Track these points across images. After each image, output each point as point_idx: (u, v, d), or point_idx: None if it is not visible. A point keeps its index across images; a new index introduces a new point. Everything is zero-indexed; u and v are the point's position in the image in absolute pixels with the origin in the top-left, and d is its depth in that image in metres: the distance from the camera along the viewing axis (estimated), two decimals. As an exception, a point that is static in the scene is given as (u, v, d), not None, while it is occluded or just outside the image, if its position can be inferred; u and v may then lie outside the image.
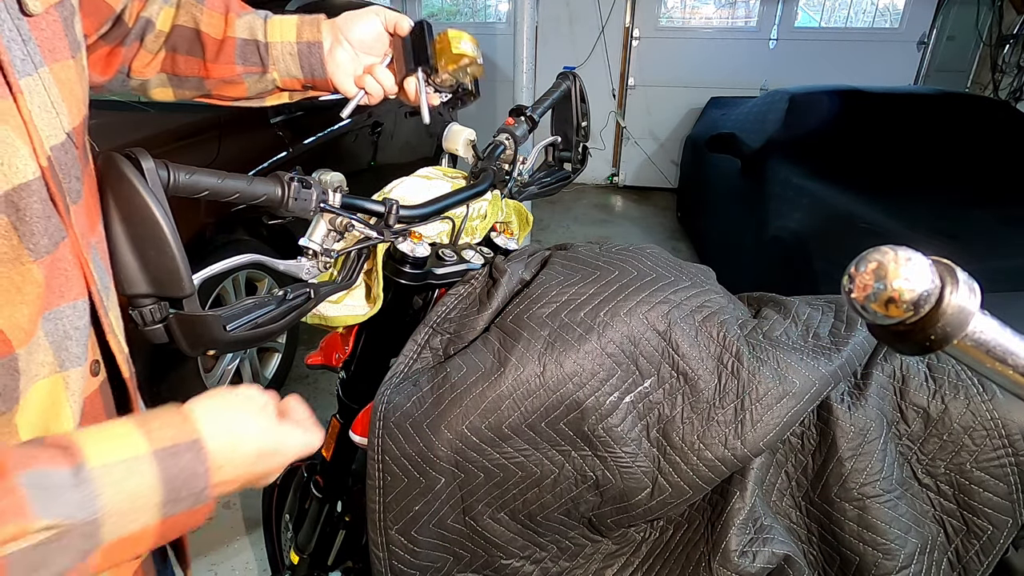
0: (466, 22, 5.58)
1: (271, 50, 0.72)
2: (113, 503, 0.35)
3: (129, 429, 0.38)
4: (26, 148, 0.39)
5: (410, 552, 0.71)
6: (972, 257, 1.67)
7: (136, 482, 0.36)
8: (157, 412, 0.40)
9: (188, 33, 0.70)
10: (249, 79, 0.73)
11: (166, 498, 0.37)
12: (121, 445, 0.36)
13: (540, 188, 1.02)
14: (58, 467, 0.33)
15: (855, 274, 0.31)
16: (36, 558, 0.32)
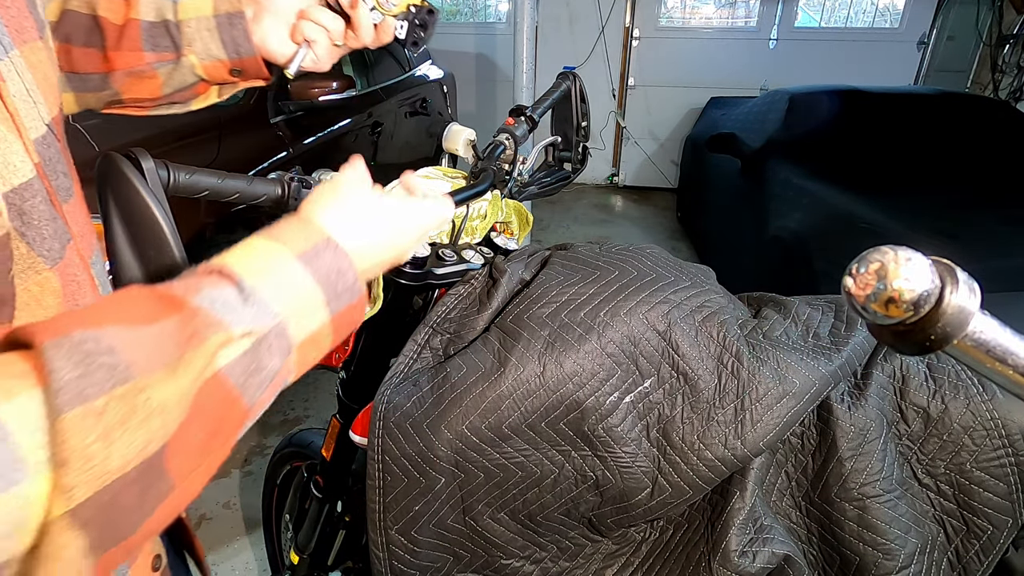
0: (466, 22, 5.57)
1: (183, 29, 0.60)
2: (287, 308, 0.36)
3: (265, 244, 0.38)
4: (18, 143, 0.36)
5: (410, 552, 0.71)
6: (972, 257, 1.67)
7: (297, 287, 0.37)
8: (279, 225, 0.40)
9: (83, 20, 0.59)
10: (162, 69, 0.61)
11: (327, 295, 0.38)
12: (267, 258, 0.37)
13: (540, 188, 1.02)
14: (223, 288, 0.34)
15: (855, 274, 0.31)
16: (249, 364, 0.33)
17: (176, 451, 0.28)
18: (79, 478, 0.24)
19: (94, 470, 0.24)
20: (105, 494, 0.25)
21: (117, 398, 0.25)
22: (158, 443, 0.27)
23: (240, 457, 2.13)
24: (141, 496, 0.27)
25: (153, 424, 0.27)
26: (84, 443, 0.24)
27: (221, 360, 0.31)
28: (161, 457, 0.28)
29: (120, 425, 0.25)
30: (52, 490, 0.24)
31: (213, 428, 0.31)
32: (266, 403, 0.36)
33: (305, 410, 2.36)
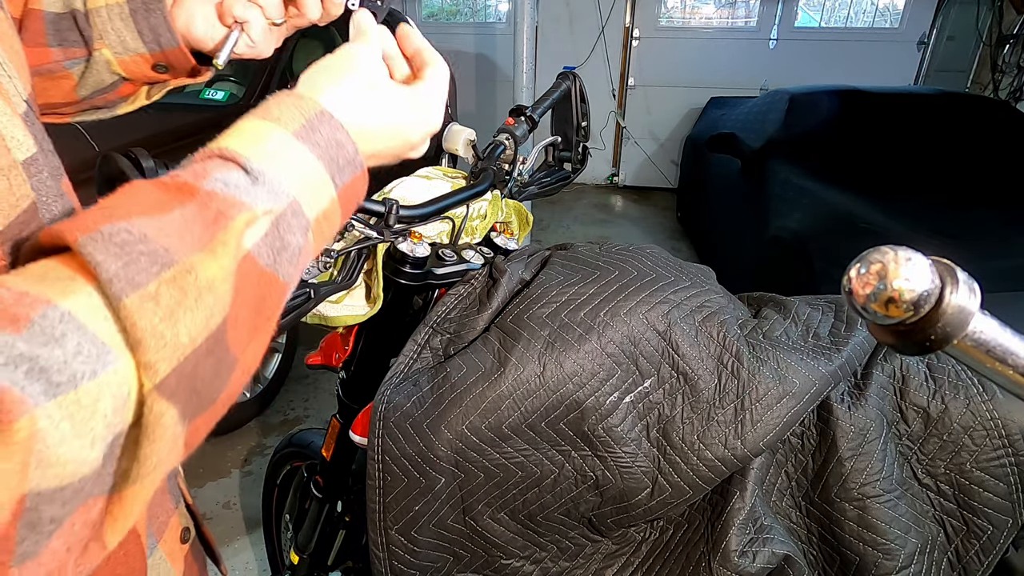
0: (466, 22, 5.57)
1: (93, 19, 0.52)
2: (297, 186, 0.35)
3: (260, 124, 0.36)
4: (16, 118, 0.35)
5: (410, 552, 0.71)
6: (972, 257, 1.67)
7: (301, 165, 0.36)
8: (270, 103, 0.38)
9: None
10: (74, 68, 0.53)
11: (329, 169, 0.37)
12: (266, 139, 0.35)
13: (540, 188, 1.02)
14: (230, 170, 0.33)
15: (855, 274, 0.31)
16: (274, 242, 0.33)
17: (233, 326, 0.30)
18: (157, 355, 0.25)
19: (168, 347, 0.26)
20: (185, 367, 0.27)
21: (167, 281, 0.26)
22: (218, 319, 0.29)
23: (240, 457, 2.13)
24: (216, 368, 0.29)
25: (207, 302, 0.28)
26: (152, 324, 0.25)
27: (247, 241, 0.31)
28: (223, 332, 0.29)
29: (178, 305, 0.27)
30: (138, 368, 0.25)
31: (258, 305, 0.32)
32: (296, 279, 0.36)
33: (305, 410, 2.36)
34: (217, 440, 2.18)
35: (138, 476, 0.26)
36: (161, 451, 0.27)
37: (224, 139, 0.35)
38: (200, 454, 2.12)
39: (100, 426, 0.24)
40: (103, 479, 0.25)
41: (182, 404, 0.27)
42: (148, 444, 0.26)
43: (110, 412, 0.24)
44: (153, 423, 0.26)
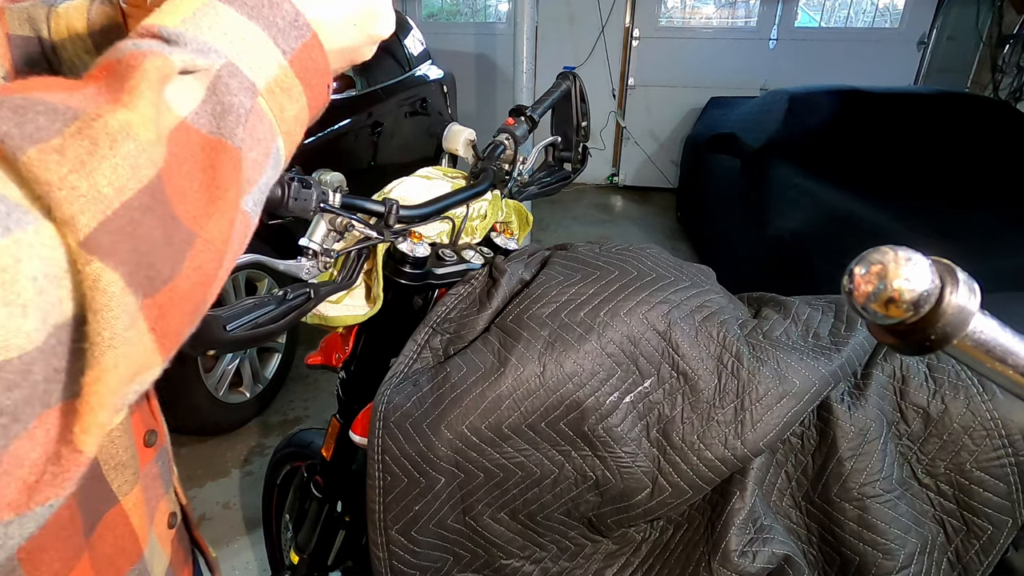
0: (466, 22, 5.57)
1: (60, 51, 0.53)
2: (226, 46, 0.31)
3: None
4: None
5: (410, 552, 0.71)
6: (972, 257, 1.68)
7: (225, 23, 0.32)
8: None
9: None
10: None
11: (268, 31, 0.33)
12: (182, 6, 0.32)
13: (540, 188, 1.02)
14: (142, 40, 0.29)
15: (855, 274, 0.31)
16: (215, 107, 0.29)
17: (176, 191, 0.27)
18: (73, 208, 0.23)
19: (86, 198, 0.23)
20: (116, 222, 0.24)
21: (72, 135, 0.24)
22: (147, 171, 0.26)
23: (240, 457, 2.13)
24: (165, 233, 0.26)
25: (126, 148, 0.25)
26: (60, 175, 0.23)
27: (180, 108, 0.28)
28: (161, 190, 0.26)
29: (90, 154, 0.24)
30: (56, 225, 0.23)
31: (208, 174, 0.29)
32: (255, 145, 0.32)
33: (305, 410, 2.36)
34: (217, 440, 2.18)
35: (93, 360, 0.24)
36: (113, 325, 0.24)
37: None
38: (200, 454, 2.12)
39: (29, 291, 0.22)
40: (53, 365, 0.23)
41: (126, 268, 0.25)
42: (92, 316, 0.24)
43: (40, 276, 0.22)
44: (91, 288, 0.23)
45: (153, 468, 0.51)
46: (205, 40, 0.30)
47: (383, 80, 3.34)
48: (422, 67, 3.89)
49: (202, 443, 2.16)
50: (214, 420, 2.13)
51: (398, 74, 3.53)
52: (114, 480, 0.43)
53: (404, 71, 3.61)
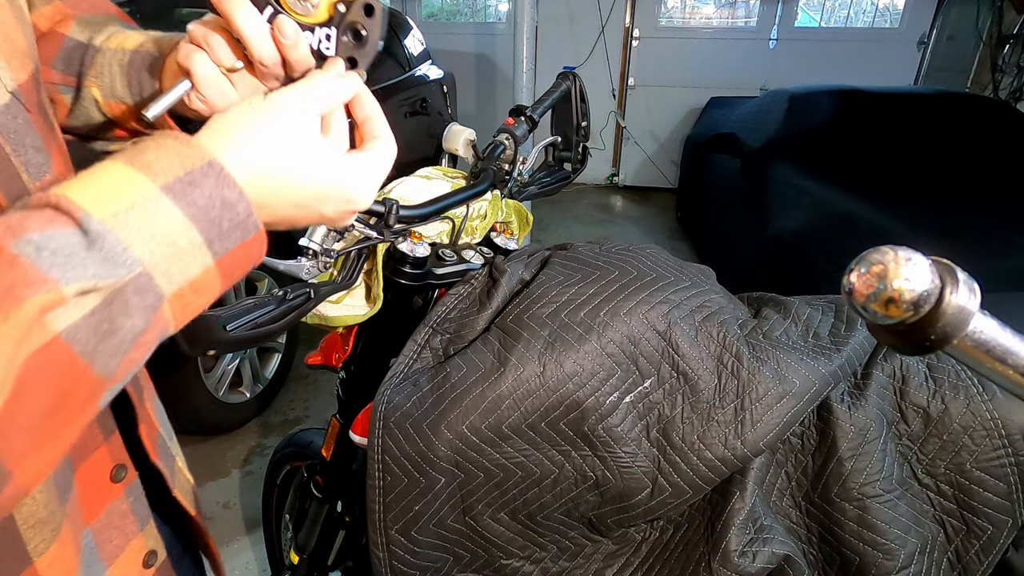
0: (466, 22, 5.57)
1: (99, 58, 0.50)
2: (150, 252, 0.29)
3: (120, 170, 0.30)
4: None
5: (410, 552, 0.71)
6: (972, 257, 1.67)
7: (162, 225, 0.29)
8: (150, 144, 0.32)
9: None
10: (67, 94, 0.51)
11: (206, 235, 0.31)
12: (123, 189, 0.29)
13: (540, 188, 1.02)
14: (57, 229, 0.27)
15: (855, 274, 0.31)
16: (99, 325, 0.27)
17: (10, 425, 0.24)
18: None
19: None
20: None
21: None
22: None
23: (240, 457, 2.13)
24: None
25: None
26: None
27: (58, 323, 0.26)
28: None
29: None
30: None
31: (54, 403, 0.26)
32: (133, 367, 0.30)
33: (305, 410, 2.36)
34: (217, 440, 2.18)
35: None
36: None
37: (73, 184, 0.29)
38: (200, 454, 2.12)
39: None
40: None
41: None
42: None
43: None
44: None
45: (122, 505, 0.47)
46: (125, 247, 0.28)
47: (383, 80, 3.34)
48: (422, 67, 3.88)
49: (202, 443, 2.16)
50: (214, 420, 2.13)
51: (398, 74, 3.52)
52: (31, 540, 0.38)
53: (404, 71, 3.61)
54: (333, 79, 0.40)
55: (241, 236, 0.33)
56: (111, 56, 0.49)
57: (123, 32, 0.51)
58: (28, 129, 0.35)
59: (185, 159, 0.31)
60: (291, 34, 0.42)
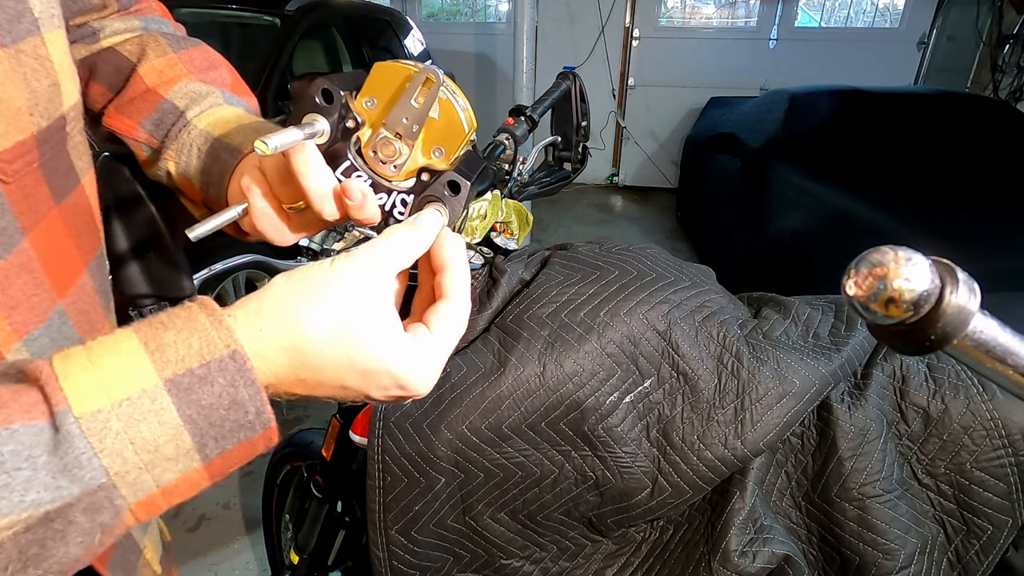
0: (466, 22, 5.57)
1: (184, 134, 0.47)
2: (121, 461, 0.25)
3: (130, 348, 0.27)
4: None
5: (410, 552, 0.71)
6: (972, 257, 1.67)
7: (148, 429, 0.26)
8: (177, 315, 0.28)
9: (120, 64, 0.48)
10: (147, 152, 0.49)
11: (199, 439, 0.27)
12: (119, 377, 0.26)
13: (540, 188, 1.02)
14: (31, 420, 0.24)
15: (855, 274, 0.31)
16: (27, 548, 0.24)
17: None
18: None
19: None
20: None
21: None
22: None
23: (240, 457, 2.13)
24: None
25: None
26: None
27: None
28: None
29: None
30: None
31: None
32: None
33: (305, 410, 2.36)
34: (217, 440, 2.18)
35: None
36: None
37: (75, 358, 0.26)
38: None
39: None
40: None
41: None
42: None
43: None
44: None
45: None
46: (93, 453, 0.25)
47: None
48: (422, 67, 3.87)
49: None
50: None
51: (398, 74, 3.51)
52: None
53: (404, 71, 3.60)
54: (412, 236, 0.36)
55: (245, 435, 0.29)
56: (196, 136, 0.47)
57: (217, 109, 0.48)
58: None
59: (207, 345, 0.27)
60: (358, 198, 0.38)
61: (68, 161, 0.37)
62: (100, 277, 0.41)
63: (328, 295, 0.30)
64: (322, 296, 0.30)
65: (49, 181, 0.35)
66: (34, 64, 0.32)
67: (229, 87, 0.50)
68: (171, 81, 0.48)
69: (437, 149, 0.38)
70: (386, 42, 3.64)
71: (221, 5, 2.91)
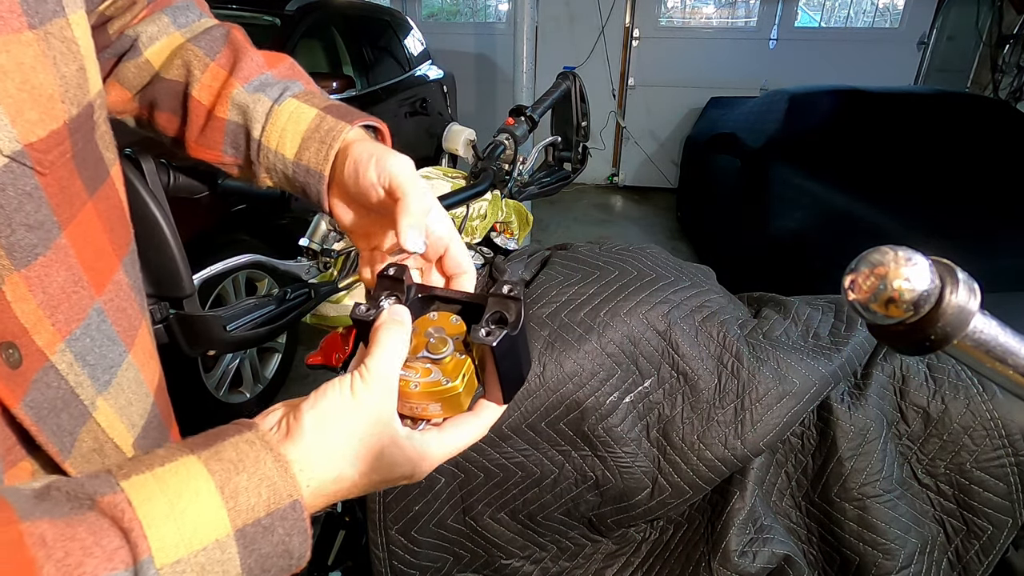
0: (466, 22, 5.57)
1: (263, 156, 0.50)
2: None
3: (208, 493, 0.28)
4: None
5: (410, 552, 0.71)
6: (972, 257, 1.68)
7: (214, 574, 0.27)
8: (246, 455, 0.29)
9: (175, 91, 0.51)
10: (236, 168, 0.53)
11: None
12: (199, 525, 0.27)
13: (540, 188, 1.02)
14: (115, 570, 0.24)
15: (855, 274, 0.31)
16: None
17: None
18: None
19: None
20: None
21: None
22: None
23: (240, 457, 2.13)
24: None
25: None
26: None
27: None
28: None
29: None
30: None
31: None
32: None
33: (305, 410, 2.36)
34: (217, 440, 2.18)
35: None
36: None
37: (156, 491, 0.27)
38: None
39: None
40: None
41: None
42: None
43: None
44: None
45: None
46: None
47: (383, 80, 3.34)
48: (422, 67, 3.88)
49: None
50: (214, 421, 2.13)
51: (398, 74, 3.53)
52: None
53: (404, 71, 3.61)
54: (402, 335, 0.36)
55: (287, 571, 0.31)
56: (274, 159, 0.48)
57: (273, 123, 0.48)
58: (25, 201, 0.30)
59: (274, 494, 0.29)
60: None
61: (97, 152, 0.37)
62: (134, 273, 0.40)
63: (360, 431, 0.32)
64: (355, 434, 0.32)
65: (81, 173, 0.34)
66: (62, 47, 0.31)
67: (264, 66, 0.51)
68: (223, 98, 0.49)
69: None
70: (386, 42, 3.64)
71: (221, 5, 2.91)
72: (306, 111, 0.48)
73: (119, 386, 0.36)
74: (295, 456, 0.31)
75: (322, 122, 0.47)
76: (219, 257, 0.64)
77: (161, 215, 0.49)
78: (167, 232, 0.50)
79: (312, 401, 0.33)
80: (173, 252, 0.50)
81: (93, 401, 0.33)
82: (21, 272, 0.29)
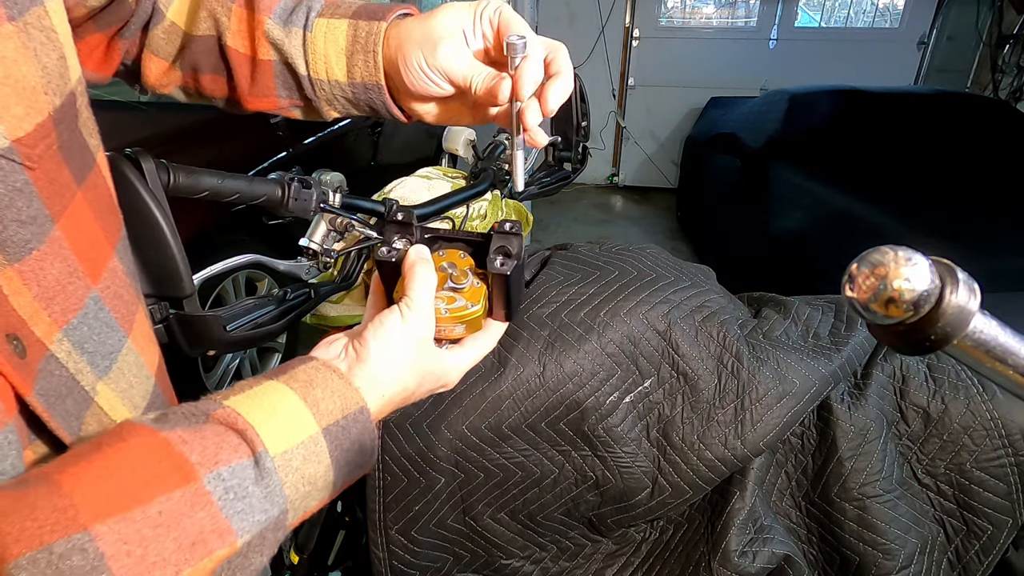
0: (466, 22, 5.56)
1: (318, 89, 0.50)
2: (295, 490, 0.32)
3: (295, 403, 0.34)
4: None
5: (410, 552, 0.71)
6: (972, 257, 1.68)
7: (312, 467, 0.33)
8: (315, 375, 0.36)
9: (209, 46, 0.50)
10: (297, 110, 0.53)
11: (337, 476, 0.35)
12: (294, 426, 0.33)
13: (540, 188, 1.02)
14: (239, 461, 0.30)
15: (855, 274, 0.31)
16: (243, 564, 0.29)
17: None
18: None
19: None
20: None
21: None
22: None
23: (240, 457, 2.13)
24: None
25: None
26: None
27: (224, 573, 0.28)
28: None
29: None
30: None
31: None
32: None
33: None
34: (217, 440, 2.18)
35: None
36: None
37: (252, 402, 0.33)
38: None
39: None
40: None
41: None
42: None
43: None
44: None
45: None
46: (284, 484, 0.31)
47: (383, 80, 3.34)
48: (422, 67, 3.87)
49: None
50: (214, 420, 2.13)
51: (398, 74, 3.52)
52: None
53: (404, 71, 3.60)
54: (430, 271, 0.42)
55: (361, 470, 0.37)
56: (331, 89, 0.49)
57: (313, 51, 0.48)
58: (16, 198, 0.29)
59: (346, 401, 0.35)
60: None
61: (81, 140, 0.37)
62: (128, 259, 0.41)
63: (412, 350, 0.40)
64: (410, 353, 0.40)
65: (68, 163, 0.34)
66: (41, 37, 0.31)
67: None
68: (258, 39, 0.49)
69: None
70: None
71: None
72: (337, 26, 0.47)
73: (120, 370, 0.37)
74: (369, 374, 0.38)
75: (357, 31, 0.47)
76: (219, 257, 0.64)
77: (161, 215, 0.49)
78: (167, 232, 0.50)
79: (373, 330, 0.39)
80: (173, 252, 0.50)
81: (94, 386, 0.35)
82: (15, 267, 0.29)
